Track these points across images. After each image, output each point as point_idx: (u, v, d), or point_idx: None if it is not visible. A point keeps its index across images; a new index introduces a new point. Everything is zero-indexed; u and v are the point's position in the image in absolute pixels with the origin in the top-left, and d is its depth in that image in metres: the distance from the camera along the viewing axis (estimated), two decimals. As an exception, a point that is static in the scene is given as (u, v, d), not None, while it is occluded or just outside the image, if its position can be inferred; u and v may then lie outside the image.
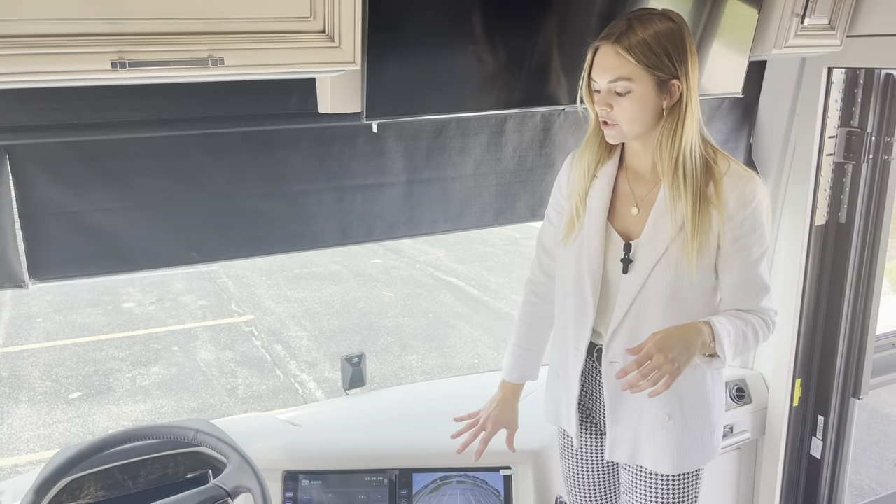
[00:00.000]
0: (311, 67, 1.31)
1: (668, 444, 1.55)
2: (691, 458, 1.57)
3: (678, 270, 1.46)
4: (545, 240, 1.71)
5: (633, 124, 1.41)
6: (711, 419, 1.59)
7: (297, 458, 1.84)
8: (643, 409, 1.56)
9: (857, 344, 2.34)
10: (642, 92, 1.37)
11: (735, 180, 1.43)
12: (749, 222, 1.44)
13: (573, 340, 1.60)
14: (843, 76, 2.20)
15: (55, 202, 1.53)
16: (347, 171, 1.81)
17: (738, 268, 1.47)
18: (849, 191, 2.25)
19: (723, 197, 1.42)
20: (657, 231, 1.47)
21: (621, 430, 1.59)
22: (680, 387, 1.52)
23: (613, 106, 1.39)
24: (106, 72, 1.14)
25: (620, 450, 1.60)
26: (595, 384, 1.62)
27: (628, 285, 1.49)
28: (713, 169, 1.44)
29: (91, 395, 5.36)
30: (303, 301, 7.35)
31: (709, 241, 1.43)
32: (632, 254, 1.49)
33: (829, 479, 2.45)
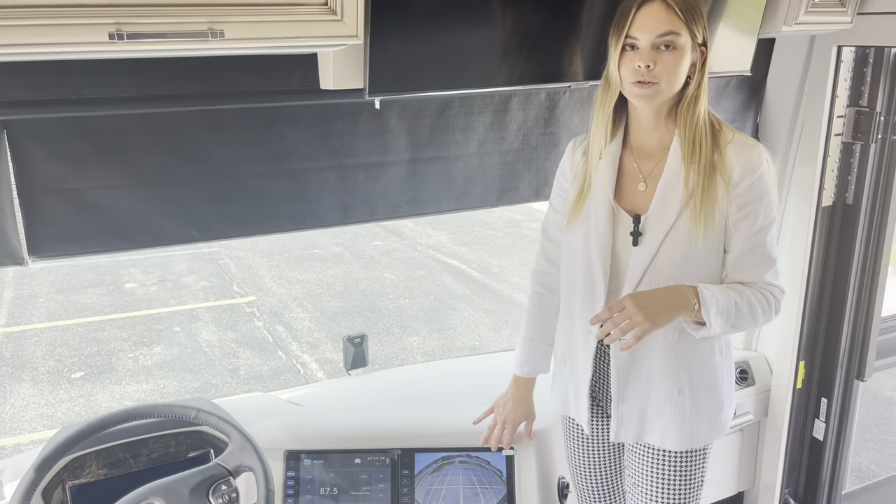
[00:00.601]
0: (313, 41, 1.28)
1: (676, 419, 1.54)
2: (699, 435, 1.57)
3: (688, 241, 1.45)
4: (549, 228, 1.70)
5: (671, 83, 1.40)
6: (720, 395, 1.58)
7: (299, 438, 1.84)
8: (651, 386, 1.55)
9: (861, 326, 2.33)
10: (683, 50, 1.39)
11: (740, 148, 1.45)
12: (753, 190, 1.44)
13: (583, 323, 1.58)
14: (853, 55, 2.16)
15: (54, 179, 1.51)
16: (350, 149, 1.78)
17: (743, 237, 1.46)
18: (856, 171, 2.23)
19: (727, 164, 1.44)
20: (666, 202, 1.47)
21: (627, 408, 1.58)
22: (688, 362, 1.52)
23: (657, 62, 1.37)
24: (103, 44, 1.11)
25: (626, 429, 1.59)
26: (602, 366, 1.61)
27: (638, 257, 1.49)
28: (718, 137, 1.46)
29: (93, 375, 5.37)
30: (304, 282, 7.35)
31: (715, 209, 1.44)
32: (641, 227, 1.48)
33: (832, 460, 2.45)
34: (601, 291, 1.53)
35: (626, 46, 1.40)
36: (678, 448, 1.57)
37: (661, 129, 1.49)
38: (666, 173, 1.47)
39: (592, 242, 1.53)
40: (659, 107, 1.46)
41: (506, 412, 1.79)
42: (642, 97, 1.41)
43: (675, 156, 1.47)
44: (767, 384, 2.37)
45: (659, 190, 1.48)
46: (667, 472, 1.60)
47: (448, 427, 1.89)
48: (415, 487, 1.82)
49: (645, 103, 1.43)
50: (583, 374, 1.62)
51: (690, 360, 1.53)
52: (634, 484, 1.65)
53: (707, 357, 1.55)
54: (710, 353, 1.55)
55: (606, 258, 1.51)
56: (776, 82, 2.23)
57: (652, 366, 1.53)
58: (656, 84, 1.39)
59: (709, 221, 1.44)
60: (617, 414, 1.59)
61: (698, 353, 1.53)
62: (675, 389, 1.53)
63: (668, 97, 1.43)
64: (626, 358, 1.54)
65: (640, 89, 1.40)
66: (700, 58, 1.43)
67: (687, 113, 1.44)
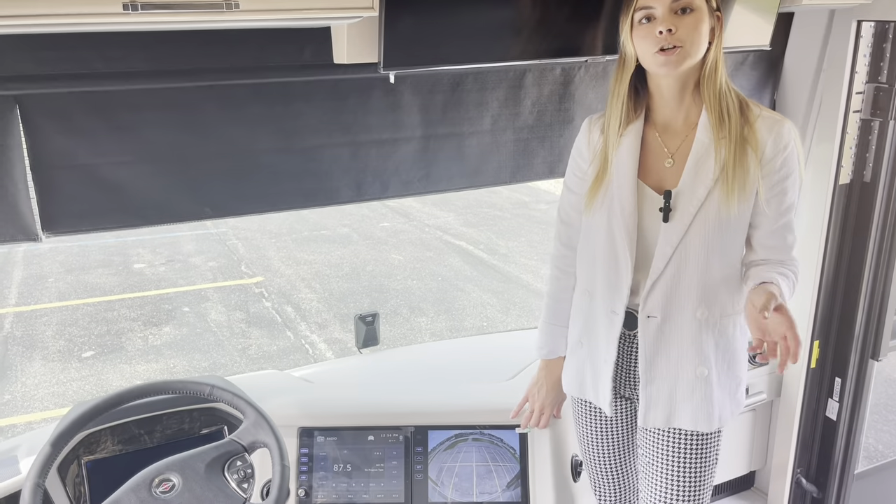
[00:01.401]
0: (328, 13, 1.26)
1: (706, 400, 1.53)
2: (723, 414, 1.56)
3: (719, 215, 1.43)
4: (565, 211, 1.67)
5: (696, 45, 1.37)
6: (738, 372, 1.58)
7: (313, 415, 1.84)
8: (679, 365, 1.52)
9: (877, 305, 2.31)
10: (702, 10, 1.36)
11: (770, 123, 1.43)
12: (786, 167, 1.44)
13: (606, 304, 1.55)
14: (873, 30, 2.12)
15: (67, 154, 1.50)
16: (363, 125, 1.77)
17: (774, 213, 1.46)
18: (875, 149, 2.19)
19: (759, 139, 1.42)
20: (698, 176, 1.44)
21: (656, 389, 1.55)
22: (716, 339, 1.52)
23: (678, 27, 1.35)
24: (117, 15, 1.10)
25: (655, 413, 1.55)
26: (624, 347, 1.58)
27: (669, 234, 1.46)
28: (746, 111, 1.44)
29: (104, 354, 5.40)
30: (312, 263, 7.36)
31: (747, 183, 1.42)
32: (672, 202, 1.46)
33: (845, 440, 2.44)
34: (627, 270, 1.50)
35: (641, 19, 1.37)
36: (707, 429, 1.55)
37: (686, 104, 1.46)
38: (696, 148, 1.45)
39: (617, 220, 1.50)
40: (684, 78, 1.43)
41: (541, 398, 1.79)
42: (668, 64, 1.36)
43: (704, 130, 1.44)
44: (781, 364, 2.36)
45: (689, 165, 1.45)
46: (684, 453, 1.58)
47: (461, 404, 1.89)
48: (428, 465, 1.82)
49: (672, 70, 1.37)
50: (604, 355, 1.58)
51: (716, 338, 1.52)
52: (649, 464, 1.63)
53: (730, 334, 1.54)
54: (732, 330, 1.54)
55: (633, 236, 1.49)
56: (794, 58, 2.20)
57: (681, 344, 1.51)
58: (681, 48, 1.35)
59: (741, 195, 1.42)
60: (645, 396, 1.55)
61: (723, 331, 1.52)
62: (704, 368, 1.52)
63: (694, 62, 1.39)
64: (654, 336, 1.52)
65: (665, 56, 1.36)
66: (718, 24, 1.40)
67: (709, 82, 1.42)
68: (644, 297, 1.50)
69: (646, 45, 1.38)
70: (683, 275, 1.48)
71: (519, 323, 6.02)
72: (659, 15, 1.35)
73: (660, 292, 1.49)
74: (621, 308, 1.53)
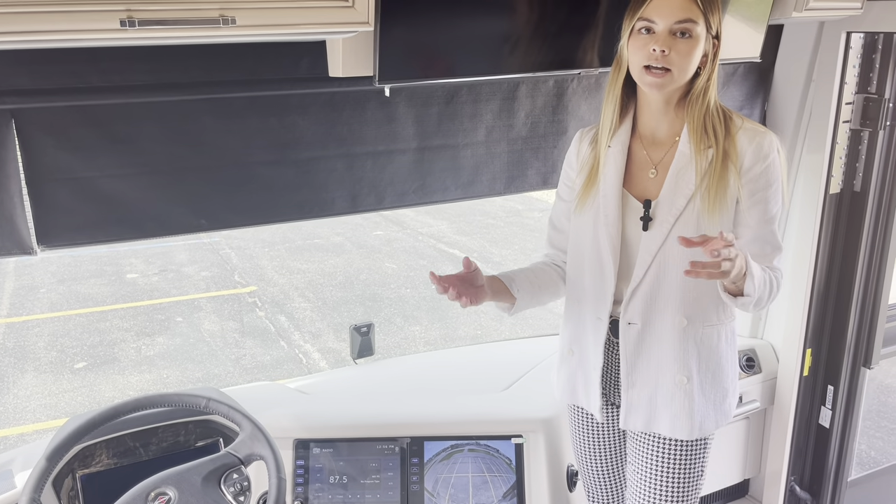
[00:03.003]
0: (324, 28, 1.27)
1: (686, 407, 1.54)
2: (705, 423, 1.57)
3: (698, 225, 1.45)
4: (556, 217, 1.70)
5: (683, 71, 1.39)
6: (724, 383, 1.59)
7: (308, 427, 1.84)
8: (660, 371, 1.55)
9: (868, 313, 2.33)
10: (699, 38, 1.38)
11: (751, 134, 1.46)
12: (765, 177, 1.45)
13: (592, 311, 1.59)
14: (862, 41, 2.15)
15: (62, 167, 1.51)
16: (358, 137, 1.78)
17: (755, 223, 1.47)
18: (864, 159, 2.22)
19: (739, 150, 1.44)
20: (677, 187, 1.47)
21: (636, 394, 1.57)
22: (697, 348, 1.53)
23: (671, 49, 1.36)
24: (114, 31, 1.10)
25: (635, 416, 1.59)
26: (610, 354, 1.61)
27: (649, 242, 1.49)
28: (729, 124, 1.47)
29: (96, 365, 5.37)
30: (306, 272, 7.35)
31: (727, 194, 1.44)
32: (651, 212, 1.49)
33: (838, 448, 2.45)
34: (611, 277, 1.53)
35: (641, 29, 1.39)
36: (687, 437, 1.56)
37: (670, 117, 1.49)
38: (677, 158, 1.48)
39: (602, 228, 1.53)
40: (669, 95, 1.46)
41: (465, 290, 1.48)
42: (654, 85, 1.40)
43: (685, 142, 1.47)
44: (774, 372, 2.38)
45: (670, 175, 1.48)
46: (669, 461, 1.60)
47: (457, 415, 1.90)
48: (424, 476, 1.83)
49: (656, 90, 1.42)
50: (593, 361, 1.61)
51: (699, 347, 1.53)
52: (635, 472, 1.65)
53: (714, 344, 1.55)
54: (716, 341, 1.55)
55: (616, 244, 1.52)
56: (784, 69, 2.22)
57: (661, 351, 1.53)
58: (669, 71, 1.38)
59: (721, 205, 1.44)
60: (626, 399, 1.59)
61: (706, 340, 1.54)
62: (683, 377, 1.53)
63: (679, 85, 1.43)
64: (634, 343, 1.54)
65: (652, 77, 1.39)
66: (712, 49, 1.42)
67: (696, 104, 1.44)
68: (625, 304, 1.53)
69: (638, 56, 1.40)
70: (663, 283, 1.50)
71: (513, 331, 6.03)
72: (658, 31, 1.37)
73: (640, 300, 1.52)
74: (605, 315, 1.56)
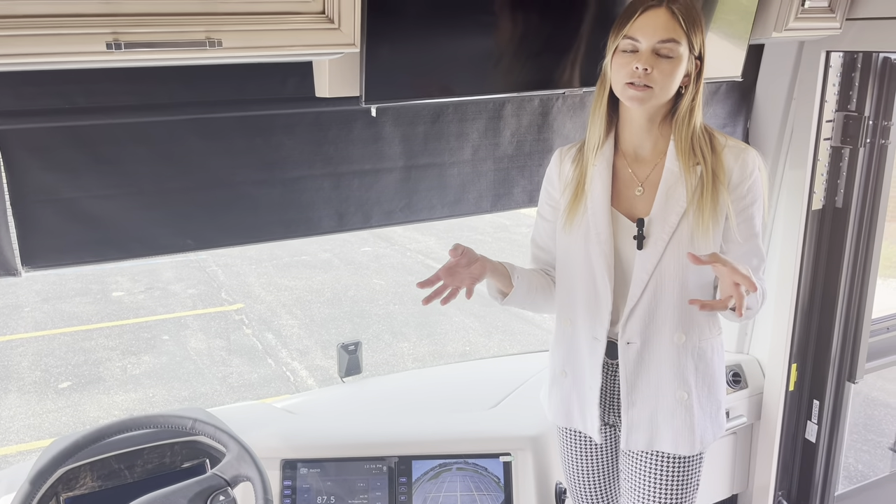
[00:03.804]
0: (311, 49, 1.28)
1: (687, 423, 1.55)
2: (705, 436, 1.58)
3: (692, 242, 1.47)
4: (540, 237, 1.69)
5: (665, 90, 1.41)
6: (718, 395, 1.60)
7: (296, 447, 1.83)
8: (660, 389, 1.55)
9: (852, 328, 2.35)
10: (681, 58, 1.40)
11: (736, 151, 1.48)
12: (752, 193, 1.48)
13: (588, 331, 1.57)
14: (841, 60, 2.19)
15: (47, 188, 1.50)
16: (344, 156, 1.78)
17: (743, 238, 1.50)
18: (846, 175, 2.25)
19: (726, 167, 1.47)
20: (668, 205, 1.48)
21: (637, 413, 1.57)
22: (695, 363, 1.54)
23: (654, 68, 1.38)
24: (101, 53, 1.11)
25: (637, 436, 1.58)
26: (606, 374, 1.60)
27: (644, 261, 1.49)
28: (714, 143, 1.49)
29: (81, 385, 5.32)
30: (293, 289, 7.32)
31: (717, 210, 1.46)
32: (645, 230, 1.49)
33: (824, 462, 2.46)
34: (606, 296, 1.53)
35: (626, 47, 1.41)
36: (689, 452, 1.57)
37: (654, 134, 1.51)
38: (666, 177, 1.49)
39: (594, 248, 1.52)
40: (652, 112, 1.47)
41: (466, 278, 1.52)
42: (635, 99, 1.41)
43: (673, 160, 1.49)
44: (760, 387, 2.39)
45: (660, 193, 1.49)
46: (668, 477, 1.60)
47: (445, 433, 1.89)
48: (412, 495, 1.82)
49: (637, 106, 1.43)
50: (590, 383, 1.60)
51: (696, 362, 1.54)
52: (631, 488, 1.65)
53: (709, 357, 1.57)
54: (711, 354, 1.57)
55: (610, 263, 1.51)
56: (766, 87, 2.26)
57: (660, 368, 1.54)
58: (651, 89, 1.40)
59: (714, 221, 1.46)
60: (627, 420, 1.57)
61: (702, 354, 1.55)
62: (684, 392, 1.54)
63: (660, 103, 1.45)
64: (634, 362, 1.54)
65: (634, 91, 1.40)
66: (695, 70, 1.44)
67: (682, 124, 1.46)
68: (623, 324, 1.53)
69: (621, 73, 1.42)
70: (660, 300, 1.51)
71: (502, 347, 6.02)
72: (642, 49, 1.39)
73: (638, 318, 1.52)
74: (603, 334, 1.55)
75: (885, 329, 2.50)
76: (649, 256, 1.49)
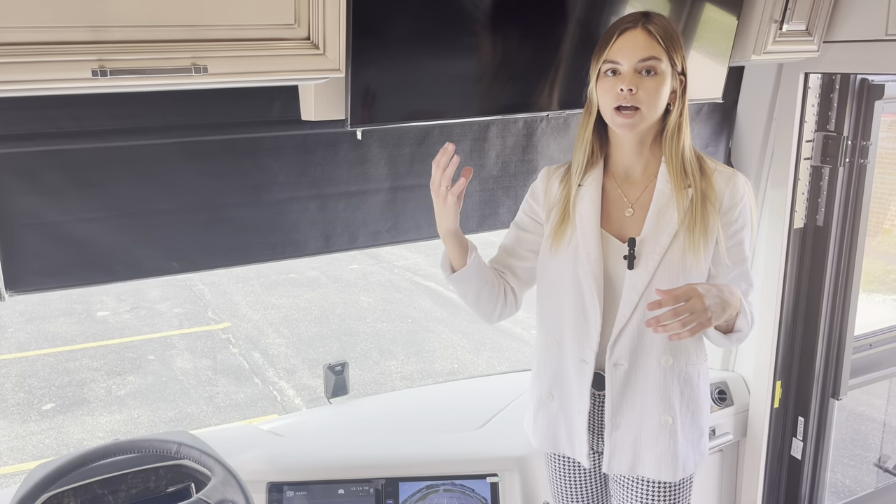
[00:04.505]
0: (296, 75, 1.30)
1: (670, 448, 1.54)
2: (687, 463, 1.57)
3: (682, 264, 1.47)
4: (512, 246, 1.64)
5: (653, 108, 1.42)
6: (702, 423, 1.59)
7: (282, 469, 1.82)
8: (644, 412, 1.54)
9: (835, 345, 2.37)
10: (664, 75, 1.41)
11: (727, 175, 1.49)
12: (742, 217, 1.49)
13: (575, 353, 1.55)
14: (819, 81, 2.23)
15: (32, 212, 1.50)
16: (330, 178, 1.79)
17: (733, 262, 1.50)
18: (826, 194, 2.28)
19: (717, 191, 1.48)
20: (660, 226, 1.48)
21: (620, 436, 1.56)
22: (681, 387, 1.54)
23: (638, 87, 1.39)
24: (86, 80, 1.11)
25: (619, 459, 1.56)
26: (594, 396, 1.58)
27: (635, 281, 1.48)
28: (704, 165, 1.50)
29: (65, 407, 5.26)
30: (280, 308, 7.29)
31: (708, 233, 1.46)
32: (636, 250, 1.48)
33: (810, 479, 2.48)
34: (596, 318, 1.51)
35: (607, 71, 1.42)
36: (671, 479, 1.56)
37: (645, 156, 1.51)
38: (657, 198, 1.49)
39: (583, 269, 1.51)
40: (642, 135, 1.48)
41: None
42: (625, 126, 1.42)
43: (664, 181, 1.49)
44: (746, 404, 2.40)
45: (651, 215, 1.49)
46: (655, 502, 1.59)
47: (432, 455, 1.89)
48: (399, 517, 1.81)
49: (628, 131, 1.43)
50: (577, 406, 1.58)
51: (682, 387, 1.54)
52: None
53: (695, 383, 1.56)
54: (696, 379, 1.56)
55: (600, 284, 1.50)
56: (746, 108, 2.29)
57: (646, 391, 1.53)
58: (638, 110, 1.40)
59: (705, 243, 1.46)
60: (610, 442, 1.56)
61: (688, 379, 1.55)
62: (669, 417, 1.53)
63: (649, 123, 1.45)
64: (621, 384, 1.52)
65: (622, 118, 1.41)
66: (680, 86, 1.45)
67: (672, 142, 1.47)
68: (611, 345, 1.52)
69: (607, 98, 1.43)
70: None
71: (490, 364, 6.02)
72: (624, 71, 1.40)
73: (627, 340, 1.51)
74: (591, 357, 1.53)
75: (867, 346, 2.53)
76: (640, 276, 1.48)
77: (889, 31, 1.84)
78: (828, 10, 1.93)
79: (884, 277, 4.75)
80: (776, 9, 1.84)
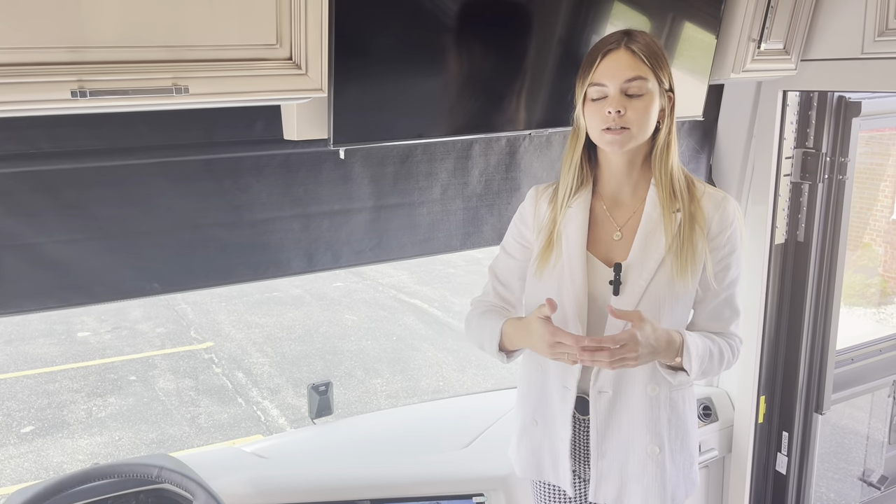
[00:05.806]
0: (278, 95, 1.29)
1: (658, 479, 1.51)
2: (677, 494, 1.53)
3: (669, 289, 1.44)
4: (502, 273, 1.64)
5: (642, 128, 1.39)
6: (691, 450, 1.57)
7: (266, 492, 1.79)
8: (631, 441, 1.51)
9: (818, 360, 2.39)
10: (652, 94, 1.39)
11: (717, 199, 1.47)
12: (731, 243, 1.47)
13: (558, 380, 1.53)
14: (798, 98, 2.26)
15: (10, 234, 1.47)
16: (313, 197, 1.78)
17: (718, 288, 1.48)
18: (806, 210, 2.31)
19: (706, 215, 1.45)
20: (647, 251, 1.45)
21: (607, 465, 1.52)
22: (667, 416, 1.51)
23: (627, 108, 1.37)
24: (66, 101, 1.10)
25: (606, 488, 1.53)
26: (577, 423, 1.55)
27: (621, 306, 1.43)
28: (693, 189, 1.48)
29: (44, 430, 5.17)
30: (264, 326, 7.24)
31: (696, 257, 1.44)
32: (622, 276, 1.45)
33: (795, 494, 2.48)
34: None
35: (594, 94, 1.39)
36: None
37: (634, 178, 1.49)
38: (645, 222, 1.46)
39: (567, 293, 1.48)
40: (632, 155, 1.45)
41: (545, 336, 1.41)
42: (614, 143, 1.39)
43: (653, 205, 1.47)
44: (730, 420, 2.41)
45: (639, 239, 1.46)
46: None
47: (417, 475, 1.87)
48: (385, 539, 1.79)
49: (617, 149, 1.41)
50: (561, 432, 1.54)
51: (668, 414, 1.51)
52: None
53: (681, 409, 1.53)
54: (682, 405, 1.54)
55: (583, 309, 1.47)
56: (727, 126, 2.31)
57: (632, 419, 1.50)
58: (627, 130, 1.38)
59: (692, 268, 1.44)
60: (596, 470, 1.53)
61: (674, 406, 1.52)
62: (656, 447, 1.50)
63: (639, 143, 1.42)
64: (606, 411, 1.50)
65: (611, 135, 1.38)
66: (668, 103, 1.43)
67: (661, 160, 1.45)
68: (595, 372, 1.49)
69: (595, 121, 1.40)
70: None
71: (476, 381, 6.00)
72: (611, 93, 1.38)
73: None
74: (573, 383, 1.50)
75: (849, 360, 2.55)
76: (626, 302, 1.44)
77: (865, 50, 1.87)
78: (804, 29, 1.96)
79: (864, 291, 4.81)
80: (754, 28, 1.87)
